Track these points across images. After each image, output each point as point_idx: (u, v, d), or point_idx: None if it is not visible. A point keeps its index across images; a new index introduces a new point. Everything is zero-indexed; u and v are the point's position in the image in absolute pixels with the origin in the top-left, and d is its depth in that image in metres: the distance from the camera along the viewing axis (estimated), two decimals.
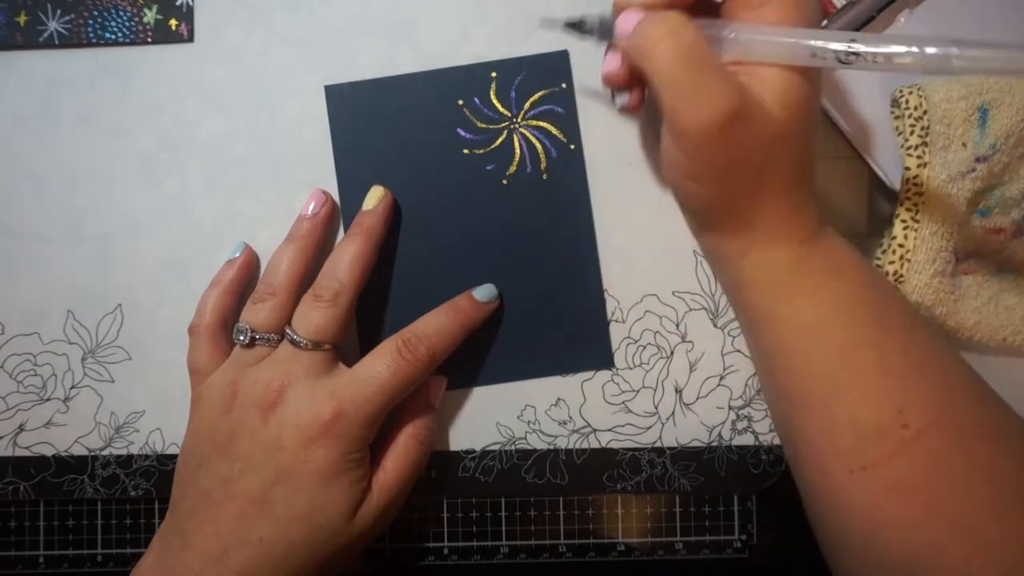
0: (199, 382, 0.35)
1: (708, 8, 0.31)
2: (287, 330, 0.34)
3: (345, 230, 0.38)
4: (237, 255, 0.38)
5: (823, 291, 0.30)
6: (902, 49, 0.27)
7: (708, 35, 0.29)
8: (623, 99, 0.34)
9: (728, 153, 0.29)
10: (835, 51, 0.28)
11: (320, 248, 0.37)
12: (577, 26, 0.33)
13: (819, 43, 0.28)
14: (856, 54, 0.27)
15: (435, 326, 0.35)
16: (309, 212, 0.37)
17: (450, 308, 0.36)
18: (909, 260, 0.35)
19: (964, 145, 0.34)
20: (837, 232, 0.32)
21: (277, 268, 0.36)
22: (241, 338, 0.34)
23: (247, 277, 0.38)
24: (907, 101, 0.35)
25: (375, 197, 0.37)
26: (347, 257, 0.35)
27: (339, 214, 0.38)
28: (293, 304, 0.35)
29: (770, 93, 0.29)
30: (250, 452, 0.32)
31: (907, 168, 0.35)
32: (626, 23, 0.30)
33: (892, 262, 0.35)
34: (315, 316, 0.34)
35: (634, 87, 0.33)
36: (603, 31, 0.32)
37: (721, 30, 0.29)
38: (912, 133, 0.35)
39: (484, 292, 0.37)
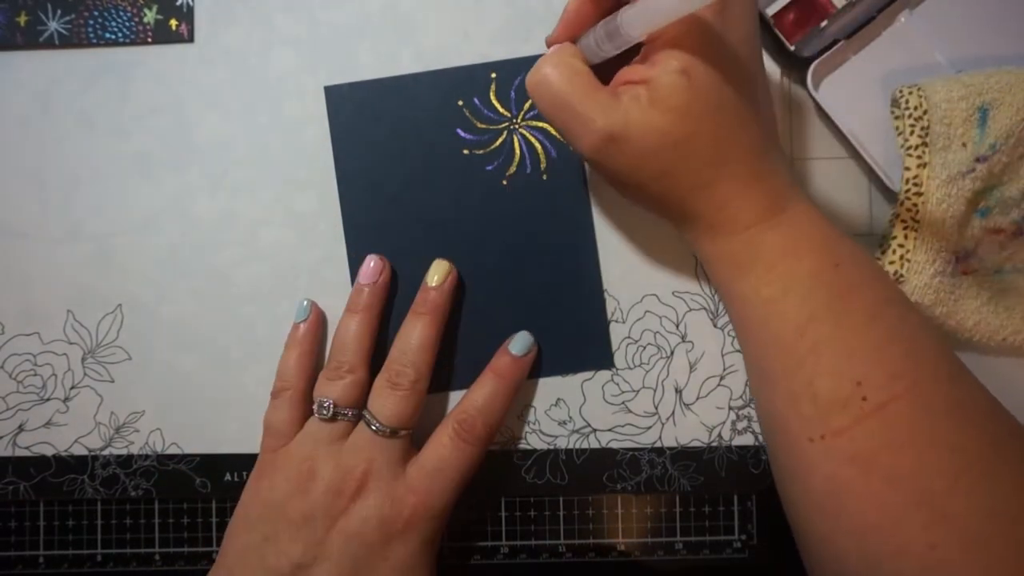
0: (274, 445, 0.35)
1: None
2: (366, 415, 0.34)
3: (346, 235, 0.38)
4: (305, 317, 0.37)
5: (776, 270, 0.30)
6: None
7: (608, 30, 0.29)
8: None
9: (619, 167, 0.30)
10: None
11: (382, 316, 0.37)
12: None
13: None
14: None
15: (484, 398, 0.35)
16: (367, 281, 0.37)
17: (492, 375, 0.36)
18: (909, 260, 0.35)
19: (964, 145, 0.34)
20: (808, 204, 0.32)
21: (345, 342, 0.36)
22: (324, 412, 0.34)
23: (319, 336, 0.38)
24: (907, 101, 0.35)
25: (441, 273, 0.36)
26: (418, 340, 0.35)
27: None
28: (368, 377, 0.36)
29: (657, 99, 0.28)
30: (327, 540, 0.33)
31: (907, 168, 0.35)
32: None
33: (892, 262, 0.35)
34: (393, 403, 0.34)
35: None
36: None
37: (614, 20, 0.29)
38: (912, 133, 0.35)
39: (520, 344, 0.37)
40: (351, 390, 0.35)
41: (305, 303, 0.38)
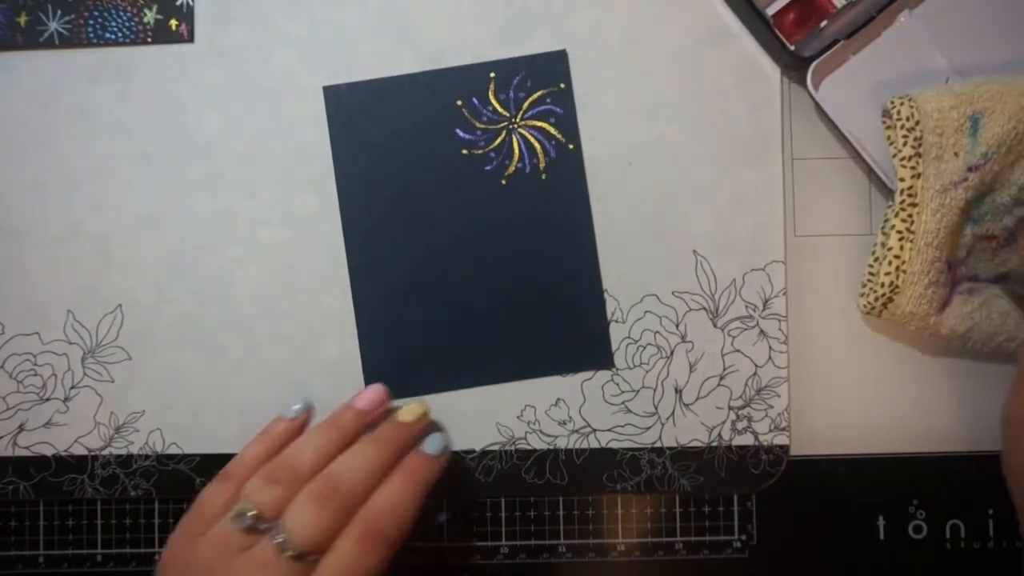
0: (195, 529, 0.32)
1: None
2: (280, 523, 0.30)
3: (345, 235, 0.38)
4: (294, 417, 0.36)
5: None
6: None
7: None
8: None
9: None
10: None
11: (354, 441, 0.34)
12: None
13: None
14: None
15: (392, 497, 0.32)
16: (361, 407, 0.35)
17: (402, 472, 0.33)
18: (904, 271, 0.35)
19: (956, 155, 0.34)
20: None
21: (305, 452, 0.33)
22: (239, 522, 0.31)
23: (292, 440, 0.35)
24: (899, 112, 0.35)
25: (416, 414, 0.34)
26: (364, 465, 0.32)
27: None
28: None
29: None
30: None
31: (901, 179, 0.35)
32: None
33: (888, 272, 0.35)
34: (313, 521, 0.30)
35: None
36: None
37: None
38: (905, 144, 0.35)
39: (433, 444, 0.34)
40: (283, 503, 0.31)
41: (299, 405, 0.36)
